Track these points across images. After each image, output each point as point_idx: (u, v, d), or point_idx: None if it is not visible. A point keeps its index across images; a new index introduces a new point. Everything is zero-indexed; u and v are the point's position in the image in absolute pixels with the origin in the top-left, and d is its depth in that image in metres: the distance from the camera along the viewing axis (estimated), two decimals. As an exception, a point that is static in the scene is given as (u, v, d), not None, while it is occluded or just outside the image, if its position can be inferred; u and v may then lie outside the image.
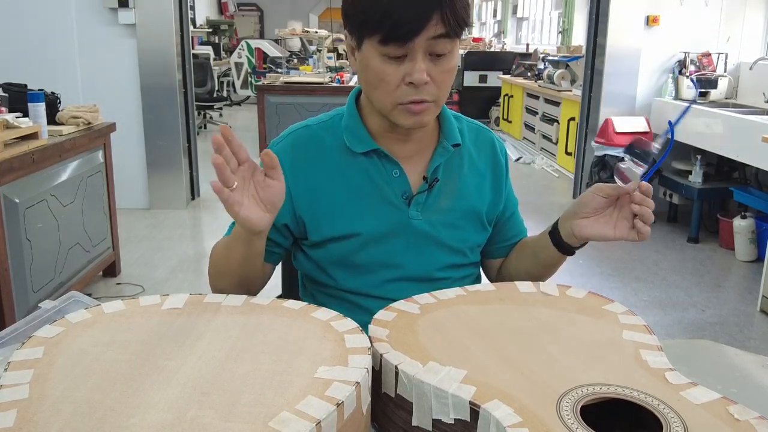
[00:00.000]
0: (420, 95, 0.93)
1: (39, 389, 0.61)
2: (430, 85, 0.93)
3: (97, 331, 0.72)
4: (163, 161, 4.48)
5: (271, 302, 0.80)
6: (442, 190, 1.05)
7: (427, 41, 0.90)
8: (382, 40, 0.90)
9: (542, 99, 6.56)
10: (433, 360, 0.69)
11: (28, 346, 0.69)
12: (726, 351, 0.94)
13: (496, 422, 0.60)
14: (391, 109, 0.96)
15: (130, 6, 4.18)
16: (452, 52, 0.94)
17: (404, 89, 0.93)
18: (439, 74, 0.93)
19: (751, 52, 4.41)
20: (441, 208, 1.05)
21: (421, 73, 0.91)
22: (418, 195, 1.03)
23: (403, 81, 0.92)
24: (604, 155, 4.24)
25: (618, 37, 4.43)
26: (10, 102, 2.61)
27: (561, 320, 0.81)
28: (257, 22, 14.23)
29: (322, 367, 0.65)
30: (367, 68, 0.95)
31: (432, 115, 0.98)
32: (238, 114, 9.54)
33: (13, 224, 2.33)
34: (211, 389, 0.61)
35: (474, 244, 1.11)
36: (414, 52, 0.91)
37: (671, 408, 0.63)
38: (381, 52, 0.92)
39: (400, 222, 1.03)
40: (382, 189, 1.03)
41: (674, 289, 3.32)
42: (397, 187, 1.03)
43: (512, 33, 10.82)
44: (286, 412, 0.57)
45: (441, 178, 1.05)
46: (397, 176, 1.03)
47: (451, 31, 0.90)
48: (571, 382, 0.67)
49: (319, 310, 0.78)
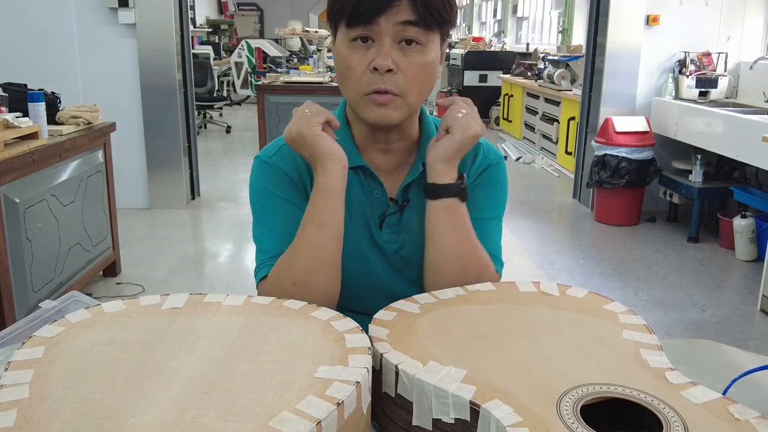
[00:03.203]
0: (384, 83, 0.89)
1: (39, 389, 0.61)
2: (397, 76, 0.89)
3: (97, 331, 0.72)
4: (163, 161, 4.48)
5: (271, 302, 0.80)
6: (414, 209, 1.01)
7: (394, 26, 0.87)
8: (347, 22, 0.88)
9: (542, 98, 6.56)
10: (433, 359, 0.69)
11: (28, 346, 0.69)
12: (726, 350, 0.94)
13: (496, 422, 0.60)
14: (358, 100, 0.92)
15: (130, 6, 4.18)
16: (426, 46, 0.90)
17: (369, 76, 0.89)
18: (408, 65, 0.89)
19: (752, 51, 4.41)
20: (414, 228, 1.01)
21: (384, 57, 0.87)
22: (389, 217, 1.00)
23: (368, 68, 0.89)
24: (605, 155, 4.24)
25: (618, 36, 4.43)
26: (10, 102, 2.61)
27: (561, 320, 0.81)
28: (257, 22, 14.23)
29: (323, 367, 0.65)
30: (337, 57, 0.92)
31: (399, 111, 0.92)
32: (238, 114, 9.54)
33: (13, 224, 2.33)
34: (211, 389, 0.61)
35: None
36: (380, 37, 0.88)
37: (671, 407, 0.63)
38: (348, 38, 0.90)
39: (372, 244, 1.01)
40: (363, 208, 1.00)
41: (674, 288, 3.32)
42: (377, 208, 1.01)
43: (512, 32, 10.82)
44: (287, 412, 0.57)
45: (412, 198, 1.01)
46: (378, 196, 1.00)
47: (421, 19, 0.87)
48: (571, 382, 0.66)
49: (319, 310, 0.78)
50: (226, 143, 7.47)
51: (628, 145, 4.18)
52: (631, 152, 4.15)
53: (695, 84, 4.30)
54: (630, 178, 4.15)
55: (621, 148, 4.18)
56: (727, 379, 0.75)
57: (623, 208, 4.33)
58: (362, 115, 0.94)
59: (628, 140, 4.20)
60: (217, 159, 6.51)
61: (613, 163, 4.17)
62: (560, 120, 5.98)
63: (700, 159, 3.94)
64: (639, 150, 4.17)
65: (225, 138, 7.76)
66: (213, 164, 6.10)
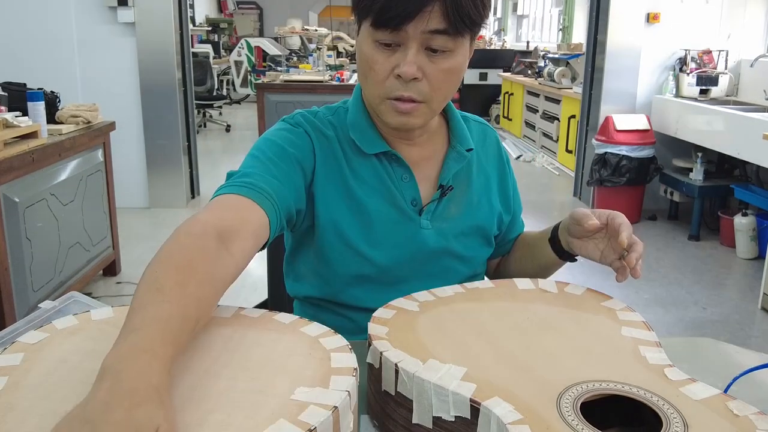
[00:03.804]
0: (408, 91, 0.86)
1: (8, 398, 0.59)
2: (422, 83, 0.86)
3: (80, 339, 0.70)
4: (163, 160, 4.47)
5: (260, 315, 0.75)
6: (453, 198, 1.00)
7: (423, 34, 0.82)
8: (374, 23, 0.83)
9: (542, 97, 6.55)
10: (433, 357, 0.69)
11: (8, 352, 0.67)
12: (727, 349, 0.94)
13: (496, 419, 0.60)
14: (378, 102, 0.89)
15: (130, 4, 4.17)
16: (454, 51, 0.86)
17: (392, 82, 0.86)
18: (434, 72, 0.85)
19: (752, 49, 4.40)
20: (451, 215, 0.99)
21: (410, 66, 0.83)
22: (429, 204, 0.98)
23: (392, 72, 0.85)
24: (605, 153, 4.23)
25: (618, 34, 4.42)
26: (9, 101, 2.61)
27: (560, 317, 0.81)
28: (257, 20, 14.22)
29: (301, 388, 0.61)
30: (360, 54, 0.89)
31: (423, 117, 0.90)
32: (237, 112, 9.54)
33: (13, 223, 2.33)
34: (184, 405, 0.58)
35: (481, 258, 1.06)
36: (407, 42, 0.83)
37: (671, 404, 0.63)
38: (373, 38, 0.85)
39: (408, 230, 0.97)
40: (392, 192, 0.97)
41: (675, 286, 3.31)
42: (407, 192, 0.97)
43: (512, 30, 10.81)
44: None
45: (455, 186, 0.99)
46: (406, 181, 0.97)
47: (451, 27, 0.82)
48: (570, 379, 0.66)
49: (311, 325, 0.73)
50: (225, 142, 7.47)
51: (628, 143, 4.18)
52: (631, 150, 4.15)
53: (696, 82, 4.30)
54: (630, 177, 4.15)
55: (621, 146, 4.17)
56: (728, 377, 0.75)
57: (624, 206, 4.33)
58: (383, 118, 0.91)
59: (629, 138, 4.20)
60: (216, 158, 6.51)
61: (614, 162, 4.17)
62: (560, 118, 5.98)
63: (701, 157, 3.94)
64: (639, 148, 4.17)
65: (225, 137, 7.76)
66: (213, 163, 6.10)
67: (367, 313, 0.79)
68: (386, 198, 0.97)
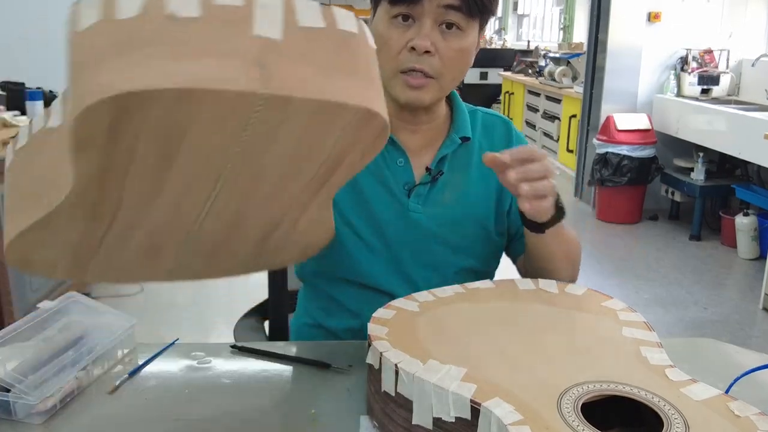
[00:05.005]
0: (420, 64, 0.90)
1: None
2: (434, 58, 0.90)
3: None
4: (164, 160, 4.47)
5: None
6: (447, 185, 1.01)
7: (438, 8, 0.88)
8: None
9: (543, 96, 6.54)
10: (433, 358, 0.69)
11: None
12: (728, 349, 0.94)
13: (497, 420, 0.60)
14: (391, 77, 0.93)
15: (130, 4, 4.17)
16: (466, 32, 0.91)
17: (406, 55, 0.91)
18: (446, 49, 0.90)
19: (754, 48, 4.39)
20: (444, 202, 1.00)
21: (424, 39, 0.89)
22: (419, 186, 0.99)
23: (406, 46, 0.90)
24: (606, 152, 4.23)
25: (619, 33, 4.42)
26: (8, 100, 2.61)
27: (560, 317, 0.81)
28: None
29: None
30: (375, 33, 0.92)
31: (431, 93, 0.94)
32: (238, 112, 9.53)
33: (13, 223, 2.32)
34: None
35: (482, 252, 1.04)
36: (422, 17, 0.89)
37: (672, 404, 0.63)
38: (390, 14, 0.91)
39: (397, 212, 0.99)
40: (385, 175, 0.99)
41: (676, 287, 3.31)
42: (400, 176, 1.00)
43: (513, 30, 10.80)
44: None
45: (446, 172, 1.01)
46: (401, 165, 1.00)
47: (464, 4, 0.88)
48: (571, 380, 0.66)
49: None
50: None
51: (629, 143, 4.17)
52: (632, 150, 4.15)
53: (697, 81, 4.29)
54: (631, 176, 4.14)
55: (622, 145, 4.17)
56: (729, 378, 0.75)
57: (625, 206, 4.33)
58: (393, 94, 0.94)
59: (630, 138, 4.20)
60: (217, 157, 6.50)
61: (615, 161, 4.17)
62: (561, 118, 5.97)
63: (702, 157, 3.94)
64: (640, 148, 4.16)
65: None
66: (214, 163, 6.09)
67: (373, 292, 0.83)
68: (378, 179, 0.99)
